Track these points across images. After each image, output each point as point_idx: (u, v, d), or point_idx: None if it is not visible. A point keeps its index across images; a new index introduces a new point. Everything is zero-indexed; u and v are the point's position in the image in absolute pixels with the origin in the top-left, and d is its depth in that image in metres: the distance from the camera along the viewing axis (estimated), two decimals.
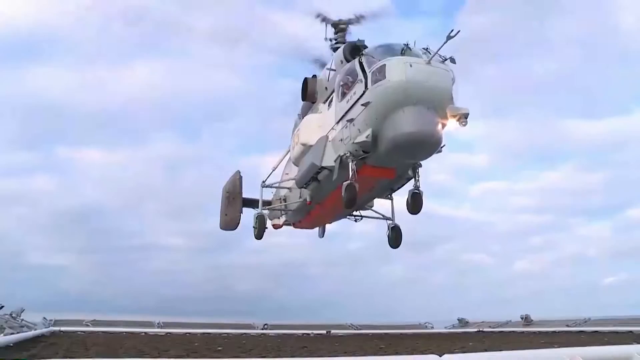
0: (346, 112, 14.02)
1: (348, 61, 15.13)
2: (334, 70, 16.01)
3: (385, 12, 17.12)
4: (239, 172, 19.39)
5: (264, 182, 19.24)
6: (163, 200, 56.00)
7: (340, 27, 17.30)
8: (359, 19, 17.05)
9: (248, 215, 18.80)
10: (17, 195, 52.66)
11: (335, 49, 17.19)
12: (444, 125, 12.79)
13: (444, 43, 12.38)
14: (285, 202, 18.70)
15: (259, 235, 18.32)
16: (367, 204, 17.24)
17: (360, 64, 13.82)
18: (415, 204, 14.34)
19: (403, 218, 16.21)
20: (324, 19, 17.17)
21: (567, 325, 18.14)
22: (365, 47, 15.32)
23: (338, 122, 14.48)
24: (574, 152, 66.48)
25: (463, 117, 12.60)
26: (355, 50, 15.06)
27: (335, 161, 14.25)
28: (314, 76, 17.37)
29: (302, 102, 17.82)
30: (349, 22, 17.16)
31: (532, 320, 20.62)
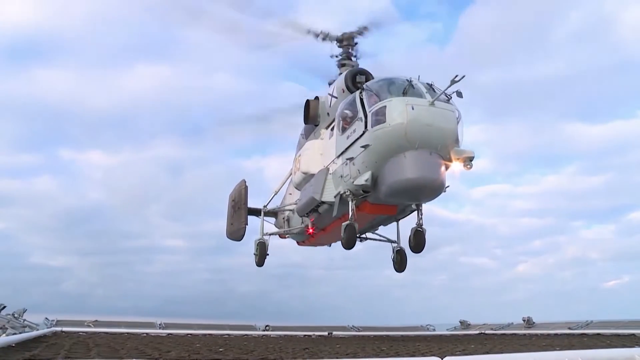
0: (346, 149, 13.59)
1: (350, 90, 14.71)
2: (336, 97, 15.54)
3: (387, 22, 16.84)
4: (244, 181, 19.08)
5: (265, 206, 18.97)
6: (165, 202, 56.32)
7: (344, 42, 16.90)
8: (362, 31, 16.65)
9: (253, 224, 18.72)
10: (20, 196, 53.04)
11: (341, 65, 16.87)
12: (447, 167, 12.38)
13: (448, 87, 11.96)
14: (289, 222, 18.35)
15: (260, 262, 17.92)
16: (371, 230, 16.88)
17: (361, 99, 13.29)
18: (417, 242, 13.94)
19: (404, 221, 16.00)
20: (326, 37, 16.76)
21: (569, 328, 18.09)
22: (368, 74, 14.94)
23: (339, 157, 14.07)
24: (576, 156, 66.64)
25: (468, 160, 12.29)
26: (358, 77, 14.62)
27: (335, 197, 13.95)
28: (316, 98, 16.88)
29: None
30: (352, 36, 16.77)
31: (534, 322, 20.58)
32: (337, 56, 17.12)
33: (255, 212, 18.98)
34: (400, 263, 16.22)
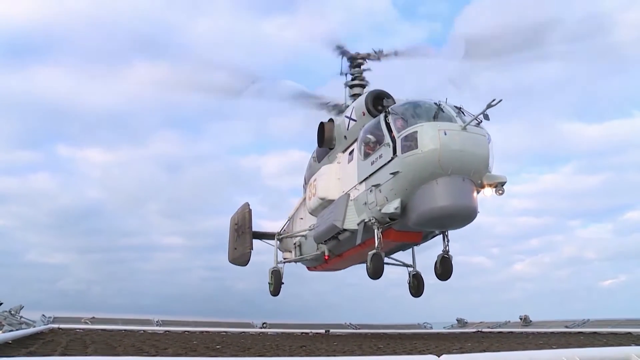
0: (370, 175, 13.09)
1: (370, 113, 14.11)
2: (354, 120, 14.86)
3: (409, 53, 16.04)
4: (247, 204, 18.70)
5: (279, 233, 18.51)
6: (163, 200, 56.24)
7: (357, 62, 16.46)
8: (378, 55, 16.14)
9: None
10: (18, 193, 52.87)
11: (351, 87, 16.49)
12: (478, 192, 12.09)
13: (483, 111, 11.64)
14: (300, 248, 17.73)
15: (275, 291, 17.45)
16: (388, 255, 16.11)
17: (387, 124, 12.74)
18: (444, 269, 13.57)
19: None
20: (343, 52, 16.27)
21: (566, 326, 18.13)
22: (390, 97, 14.20)
23: (361, 183, 13.56)
24: (573, 155, 66.81)
25: (500, 185, 11.97)
26: (379, 99, 14.01)
27: (358, 225, 13.42)
28: (331, 120, 16.27)
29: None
30: (367, 57, 16.32)
31: (530, 321, 20.61)
32: (346, 75, 16.63)
33: (259, 236, 18.68)
34: (417, 288, 15.68)
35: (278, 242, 18.73)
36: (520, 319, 20.99)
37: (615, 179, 57.50)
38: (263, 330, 19.22)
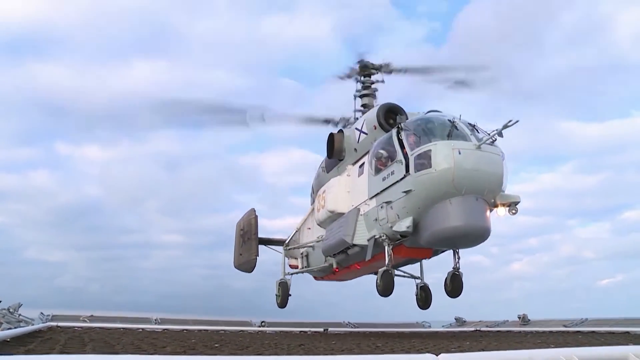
0: (382, 191, 12.96)
1: (382, 127, 14.04)
2: (365, 133, 14.75)
3: (418, 71, 15.82)
4: (254, 210, 18.69)
5: (286, 244, 18.36)
6: (162, 198, 56.23)
7: (368, 72, 16.37)
8: (389, 67, 16.09)
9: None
10: (16, 191, 52.82)
11: (361, 97, 16.44)
12: (491, 212, 12.02)
13: (500, 130, 11.53)
14: (307, 258, 17.59)
15: (282, 304, 17.39)
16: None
17: (400, 140, 12.59)
18: (454, 287, 13.46)
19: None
20: (361, 58, 16.19)
21: (564, 326, 18.19)
22: (403, 113, 13.99)
23: (372, 198, 13.43)
24: (572, 154, 66.80)
25: (514, 205, 11.89)
26: (391, 113, 13.92)
27: (368, 240, 13.31)
28: (340, 131, 16.11)
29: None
30: (379, 69, 16.26)
31: (529, 320, 20.66)
32: (357, 81, 16.60)
33: (265, 242, 18.67)
34: (425, 300, 15.64)
35: (285, 251, 18.65)
36: (519, 318, 21.03)
37: (614, 178, 57.51)
38: (261, 328, 19.21)
